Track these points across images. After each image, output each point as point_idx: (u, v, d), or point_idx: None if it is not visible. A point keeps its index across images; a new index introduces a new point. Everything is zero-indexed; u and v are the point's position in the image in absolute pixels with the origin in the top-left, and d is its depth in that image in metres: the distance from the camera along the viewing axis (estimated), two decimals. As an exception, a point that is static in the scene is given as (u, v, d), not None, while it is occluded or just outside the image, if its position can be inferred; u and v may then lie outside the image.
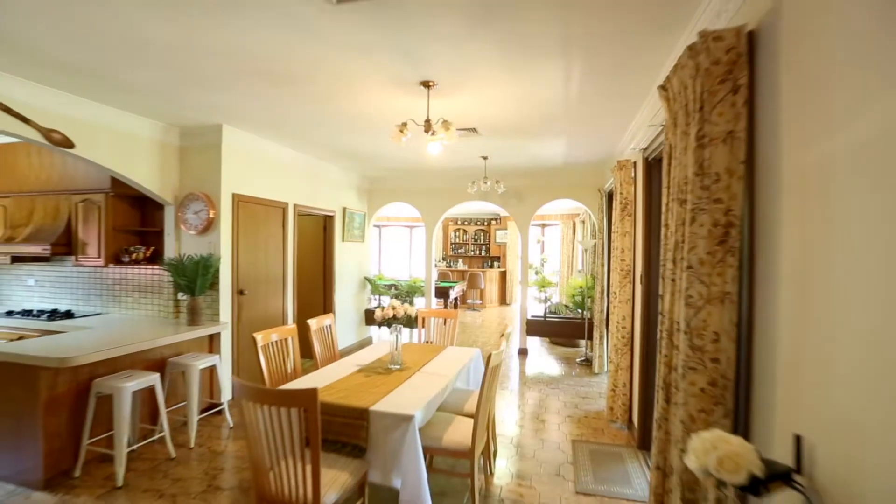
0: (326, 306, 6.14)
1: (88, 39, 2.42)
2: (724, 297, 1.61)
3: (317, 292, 6.12)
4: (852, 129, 1.07)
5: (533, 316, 6.59)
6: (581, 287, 6.43)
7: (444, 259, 12.46)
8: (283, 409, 1.90)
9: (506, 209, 6.69)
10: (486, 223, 12.50)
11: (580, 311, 6.43)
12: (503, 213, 11.40)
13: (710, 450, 1.10)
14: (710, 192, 1.63)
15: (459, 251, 12.68)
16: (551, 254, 12.22)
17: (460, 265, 12.20)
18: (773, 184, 1.48)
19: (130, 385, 3.01)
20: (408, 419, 2.25)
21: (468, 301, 11.09)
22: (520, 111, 3.57)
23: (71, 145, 3.32)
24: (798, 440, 1.24)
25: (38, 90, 3.09)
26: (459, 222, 12.69)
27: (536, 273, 8.49)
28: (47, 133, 3.17)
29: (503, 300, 12.02)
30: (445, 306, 8.84)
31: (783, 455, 1.31)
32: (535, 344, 7.15)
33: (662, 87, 2.05)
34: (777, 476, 1.16)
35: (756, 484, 1.13)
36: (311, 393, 1.86)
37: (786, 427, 1.34)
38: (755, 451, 1.10)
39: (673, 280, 1.86)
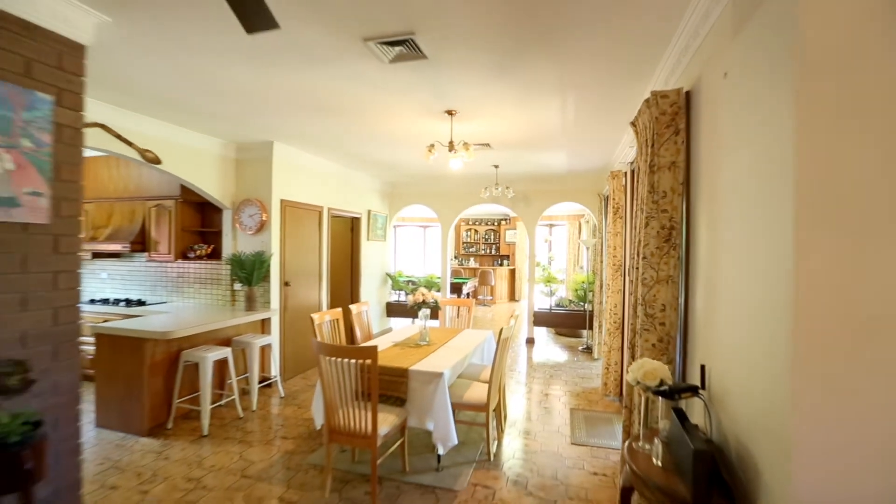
0: (353, 298, 6.87)
1: (187, 83, 3.14)
2: (668, 279, 2.28)
3: (345, 285, 6.85)
4: (727, 166, 1.74)
5: (539, 309, 7.25)
6: (583, 282, 7.07)
7: (456, 257, 13.14)
8: (351, 361, 2.60)
9: (515, 211, 7.36)
10: (496, 223, 13.15)
11: (582, 304, 7.07)
12: (512, 215, 12.04)
13: (639, 368, 1.77)
14: (659, 204, 2.30)
15: (471, 250, 13.35)
16: (558, 252, 12.83)
17: (472, 263, 12.87)
18: (698, 199, 2.14)
19: (211, 355, 3.75)
20: (438, 375, 2.95)
21: (479, 297, 11.76)
22: (527, 131, 4.25)
23: (160, 161, 4.04)
24: (703, 368, 1.91)
25: (140, 119, 3.84)
26: (471, 222, 13.36)
27: (543, 270, 9.13)
28: (143, 152, 3.90)
29: (512, 296, 12.67)
30: (458, 301, 9.52)
31: (698, 380, 1.98)
32: (542, 335, 7.81)
33: (632, 124, 2.72)
34: (688, 388, 1.83)
35: (671, 392, 1.80)
36: (373, 349, 2.56)
37: (701, 363, 2.01)
38: (667, 369, 1.77)
39: (637, 268, 2.53)
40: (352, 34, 2.37)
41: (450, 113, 3.66)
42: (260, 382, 4.71)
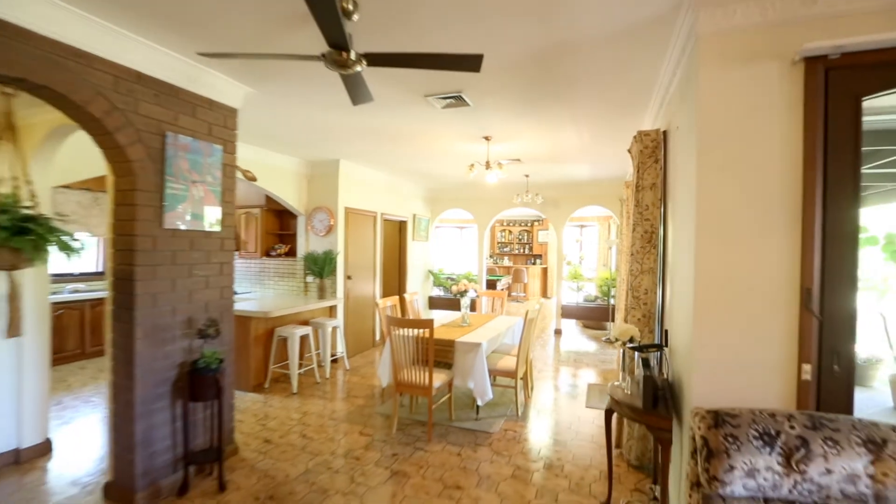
0: (401, 290, 7.85)
1: (291, 124, 4.16)
2: (650, 270, 3.07)
3: (394, 279, 7.84)
4: (678, 191, 2.52)
5: (566, 303, 7.99)
6: (608, 279, 7.76)
7: (491, 256, 13.96)
8: (414, 330, 3.53)
9: (544, 214, 8.14)
10: (529, 224, 13.87)
11: (607, 298, 7.76)
12: (544, 217, 12.73)
13: (617, 329, 2.59)
14: (643, 215, 3.09)
15: (505, 249, 14.13)
16: (589, 251, 13.40)
17: (506, 262, 13.66)
18: (669, 212, 2.92)
19: (298, 332, 4.78)
20: (478, 345, 3.83)
21: (513, 294, 12.54)
22: (551, 150, 5.06)
23: (256, 179, 5.15)
24: (665, 332, 2.70)
25: (242, 146, 4.93)
26: (505, 224, 14.14)
27: (573, 268, 9.81)
28: (244, 172, 5.00)
29: (545, 293, 13.36)
30: (493, 296, 10.35)
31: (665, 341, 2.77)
32: (571, 327, 8.54)
33: (628, 151, 3.50)
34: (653, 345, 2.63)
35: (640, 347, 2.61)
36: (430, 321, 3.48)
37: (665, 328, 2.80)
38: (636, 330, 2.57)
39: (628, 262, 3.32)
40: (416, 92, 3.29)
41: (486, 138, 4.54)
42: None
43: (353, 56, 2.03)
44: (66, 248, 2.16)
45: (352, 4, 2.04)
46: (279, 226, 6.38)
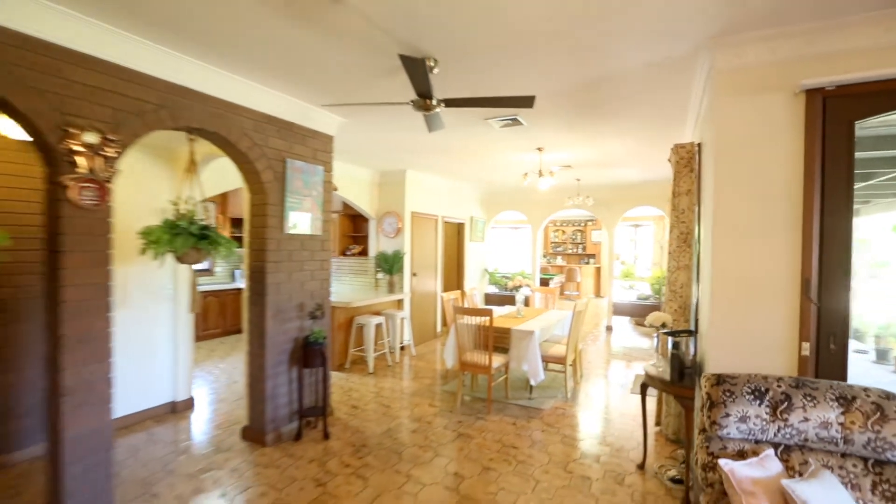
0: (459, 287, 8.49)
1: (372, 143, 4.91)
2: (685, 266, 3.47)
3: (453, 277, 8.50)
4: (705, 196, 2.94)
5: (618, 301, 8.27)
6: (660, 277, 7.96)
7: (545, 256, 14.29)
8: (476, 318, 4.14)
9: (596, 215, 8.46)
10: (583, 224, 14.05)
11: (659, 296, 7.96)
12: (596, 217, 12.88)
13: (651, 316, 3.04)
14: (679, 218, 3.50)
15: (558, 249, 14.40)
16: (644, 250, 13.37)
17: (559, 261, 13.94)
18: (701, 215, 3.31)
19: (374, 320, 5.55)
20: (531, 332, 4.37)
21: (565, 292, 12.82)
22: (599, 157, 5.47)
23: (336, 188, 5.98)
24: (696, 320, 3.11)
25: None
26: (559, 224, 14.41)
27: (626, 267, 9.99)
28: (328, 184, 5.83)
29: (598, 292, 13.50)
30: (546, 294, 10.75)
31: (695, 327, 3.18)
32: (624, 324, 8.78)
33: (668, 160, 3.90)
34: (684, 331, 3.06)
35: (673, 332, 3.05)
36: (490, 310, 4.07)
37: (699, 317, 3.20)
38: (669, 317, 3.02)
39: (668, 260, 3.73)
40: (478, 116, 3.90)
41: (539, 149, 5.06)
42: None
43: (434, 101, 2.67)
44: (227, 249, 2.98)
45: (433, 62, 2.68)
46: (353, 228, 7.23)
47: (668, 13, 2.17)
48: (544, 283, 10.78)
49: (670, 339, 2.94)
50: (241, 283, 7.55)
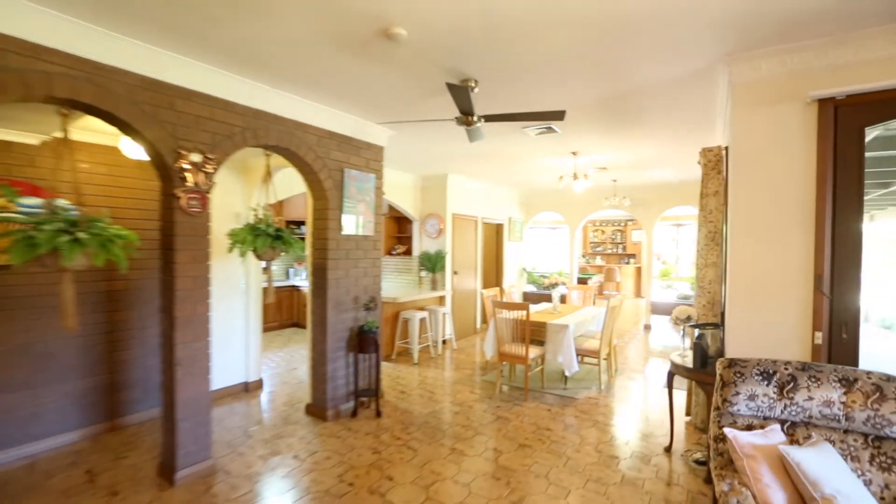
0: (498, 286, 8.81)
1: (417, 151, 5.34)
2: (713, 264, 3.66)
3: (492, 275, 8.83)
4: (736, 198, 3.14)
5: (655, 300, 8.31)
6: (700, 277, 7.95)
7: (584, 256, 14.32)
8: (514, 312, 4.47)
9: (634, 215, 8.54)
10: (622, 224, 13.98)
11: (699, 296, 7.95)
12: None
13: (677, 310, 3.27)
14: (707, 218, 3.69)
15: (598, 249, 14.39)
16: (686, 250, 13.14)
17: (598, 261, 13.93)
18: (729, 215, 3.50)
19: (418, 315, 5.98)
20: (566, 326, 4.65)
21: (605, 292, 12.82)
22: (634, 159, 5.65)
23: (384, 193, 6.46)
24: (722, 314, 3.31)
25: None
26: (598, 224, 14.40)
27: (665, 266, 9.95)
28: (376, 188, 6.33)
29: (638, 293, 13.39)
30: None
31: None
32: (662, 323, 8.79)
33: (698, 162, 4.08)
34: (710, 324, 3.28)
35: (698, 325, 3.27)
36: (527, 304, 4.39)
37: (722, 311, 3.40)
38: (693, 311, 3.24)
39: (697, 258, 3.92)
40: (514, 126, 4.23)
41: (574, 153, 5.32)
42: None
43: (475, 118, 3.04)
44: (296, 248, 3.47)
45: (474, 83, 3.05)
46: (398, 230, 7.72)
47: (683, 35, 2.43)
48: (582, 282, 10.88)
49: (695, 330, 3.17)
50: (295, 281, 8.21)
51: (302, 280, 8.38)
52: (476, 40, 2.49)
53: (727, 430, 2.06)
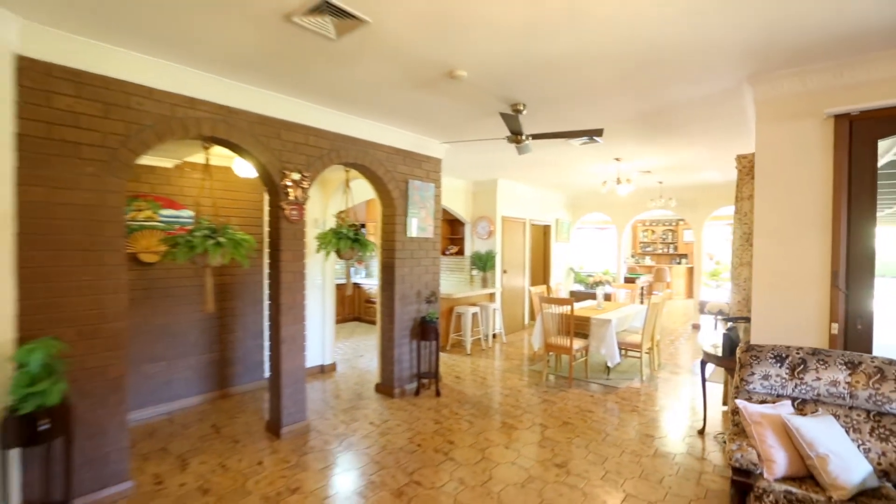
0: (545, 283, 9.17)
1: (469, 161, 5.88)
2: (747, 263, 3.93)
3: (540, 275, 9.22)
4: (760, 203, 3.43)
5: (704, 299, 8.36)
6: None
7: (633, 256, 14.28)
8: (560, 307, 4.91)
9: (681, 215, 8.62)
10: (673, 224, 13.81)
11: (750, 296, 7.94)
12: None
13: (710, 304, 3.59)
14: (742, 220, 3.96)
15: (647, 249, 14.29)
16: (743, 251, 12.80)
17: (647, 261, 13.86)
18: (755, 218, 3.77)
19: (470, 310, 6.52)
20: (608, 321, 5.02)
21: (654, 293, 12.76)
22: (676, 163, 5.89)
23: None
24: (751, 309, 3.60)
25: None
26: (648, 223, 14.30)
27: (719, 266, 9.87)
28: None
29: (690, 294, 13.20)
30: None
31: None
32: (712, 323, 8.80)
33: (735, 167, 4.33)
34: (741, 318, 3.58)
35: (729, 318, 3.58)
36: (571, 299, 4.82)
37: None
38: (725, 305, 3.55)
39: (732, 257, 4.18)
40: (562, 140, 4.67)
41: (617, 159, 5.65)
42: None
43: (524, 137, 3.54)
44: (371, 249, 4.12)
45: (522, 106, 3.55)
46: (451, 231, 8.31)
47: (707, 63, 2.81)
48: (630, 281, 10.98)
49: (728, 323, 3.49)
50: (356, 279, 9.00)
51: (362, 278, 9.17)
52: (524, 75, 2.99)
53: (738, 402, 2.44)
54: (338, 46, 2.58)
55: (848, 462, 2.11)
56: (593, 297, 8.98)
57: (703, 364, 3.68)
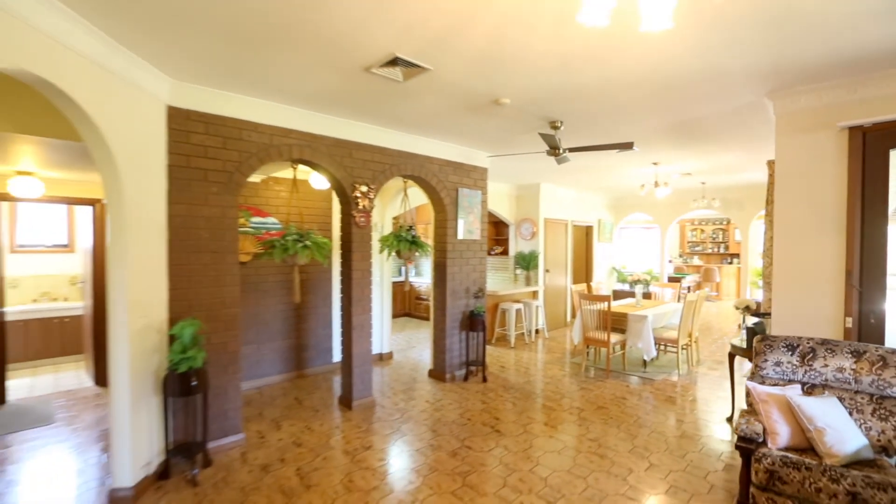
0: (586, 281, 9.44)
1: (513, 169, 6.36)
2: (778, 262, 4.17)
3: (582, 274, 9.50)
4: (780, 207, 3.69)
5: (750, 297, 8.33)
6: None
7: (681, 255, 14.11)
8: (597, 303, 5.29)
9: (727, 215, 8.63)
10: (724, 223, 13.53)
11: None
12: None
13: (738, 300, 3.89)
14: (773, 223, 4.20)
15: (696, 248, 14.07)
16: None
17: (696, 261, 13.66)
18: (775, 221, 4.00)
19: (514, 306, 6.99)
20: (644, 317, 5.34)
21: (697, 292, 12.59)
22: (713, 165, 6.07)
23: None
24: (770, 302, 3.85)
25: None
26: (696, 223, 14.08)
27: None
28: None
29: (740, 294, 12.90)
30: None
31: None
32: (760, 323, 8.74)
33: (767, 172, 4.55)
34: (767, 313, 3.85)
35: (753, 313, 3.86)
36: (609, 296, 5.19)
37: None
38: (751, 301, 3.83)
39: (763, 257, 4.41)
40: (606, 153, 5.05)
41: (655, 163, 5.93)
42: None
43: (561, 150, 3.99)
44: (426, 250, 4.71)
45: (560, 123, 4.00)
46: (496, 233, 8.80)
47: (728, 83, 3.15)
48: (675, 280, 10.98)
49: (754, 318, 3.77)
50: (405, 277, 9.68)
51: (412, 276, 9.84)
52: (559, 100, 3.45)
53: (748, 383, 2.80)
54: (403, 87, 3.17)
55: (844, 435, 2.43)
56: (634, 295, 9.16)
57: (732, 357, 3.98)
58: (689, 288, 11.66)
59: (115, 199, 2.68)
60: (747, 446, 2.53)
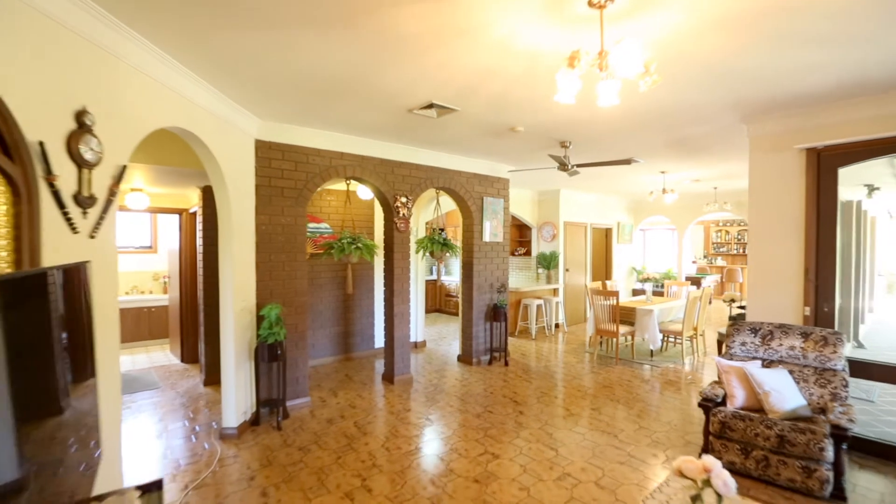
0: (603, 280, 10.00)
1: (533, 179, 7.08)
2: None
3: (601, 274, 10.08)
4: (752, 215, 4.29)
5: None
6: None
7: (704, 256, 14.37)
8: (608, 298, 5.95)
9: (742, 217, 9.03)
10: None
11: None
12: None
13: (725, 294, 4.49)
14: (759, 226, 4.78)
15: (721, 249, 14.30)
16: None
17: (719, 262, 13.90)
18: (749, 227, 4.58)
19: (535, 302, 7.69)
20: (651, 311, 5.96)
21: (725, 293, 12.87)
22: (719, 172, 6.61)
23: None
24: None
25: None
26: (721, 224, 14.30)
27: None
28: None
29: (767, 294, 13.07)
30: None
31: (763, 305, 4.50)
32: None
33: (760, 181, 5.12)
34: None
35: (742, 305, 4.47)
36: (617, 292, 5.84)
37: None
38: (738, 293, 4.43)
39: (755, 257, 5.00)
40: (623, 168, 5.73)
41: (662, 172, 6.53)
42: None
43: (570, 166, 4.72)
44: (456, 252, 5.52)
45: (568, 143, 4.72)
46: (519, 235, 9.51)
47: (702, 113, 3.81)
48: (695, 282, 11.37)
49: (738, 309, 4.38)
50: (434, 276, 10.50)
51: (443, 275, 10.66)
52: (566, 126, 4.19)
53: (716, 358, 3.46)
54: (436, 121, 3.98)
55: (785, 396, 3.08)
56: (658, 294, 9.67)
57: (720, 343, 4.59)
58: (698, 287, 12.00)
59: (225, 212, 3.61)
60: (707, 405, 3.20)
